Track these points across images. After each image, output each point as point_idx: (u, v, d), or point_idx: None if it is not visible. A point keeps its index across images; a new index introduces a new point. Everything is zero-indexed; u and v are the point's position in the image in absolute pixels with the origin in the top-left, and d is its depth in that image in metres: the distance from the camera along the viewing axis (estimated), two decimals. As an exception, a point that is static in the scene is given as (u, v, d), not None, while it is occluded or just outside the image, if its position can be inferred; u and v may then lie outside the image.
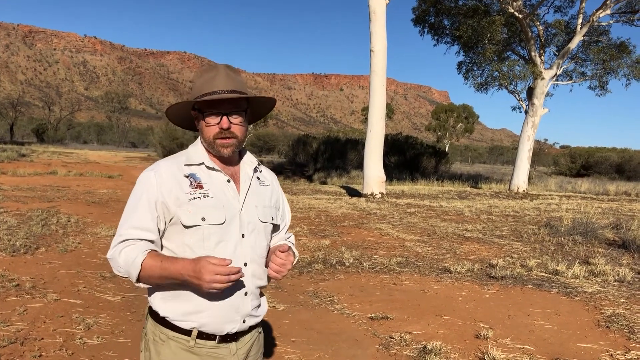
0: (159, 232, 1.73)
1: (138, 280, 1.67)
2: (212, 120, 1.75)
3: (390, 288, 5.99)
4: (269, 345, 4.17)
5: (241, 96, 1.75)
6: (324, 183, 24.31)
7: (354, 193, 17.54)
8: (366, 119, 16.43)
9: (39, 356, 3.66)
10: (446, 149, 55.66)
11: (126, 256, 1.66)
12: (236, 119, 1.76)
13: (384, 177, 16.03)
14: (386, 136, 23.12)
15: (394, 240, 8.84)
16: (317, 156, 32.40)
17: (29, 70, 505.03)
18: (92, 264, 6.44)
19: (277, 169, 29.90)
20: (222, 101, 1.73)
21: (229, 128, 1.74)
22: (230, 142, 1.76)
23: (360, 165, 20.08)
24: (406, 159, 31.00)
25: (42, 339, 3.97)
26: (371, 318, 4.91)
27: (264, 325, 4.58)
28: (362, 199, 15.42)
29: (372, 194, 15.62)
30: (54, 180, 17.83)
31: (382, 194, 15.75)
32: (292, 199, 14.79)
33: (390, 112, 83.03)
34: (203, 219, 1.69)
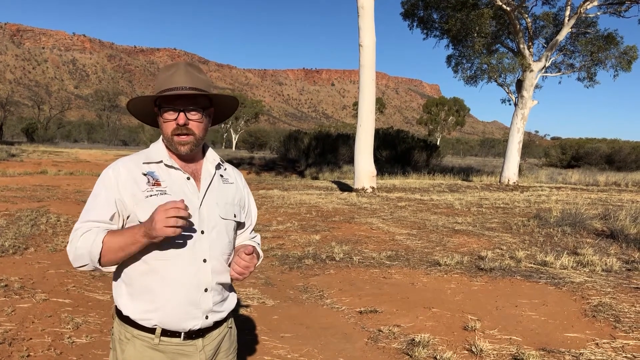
0: (116, 225, 1.75)
1: (100, 262, 1.68)
2: (170, 116, 1.76)
3: (380, 282, 6.02)
4: (258, 341, 4.19)
5: (198, 93, 1.74)
6: (316, 178, 24.33)
7: (345, 188, 17.56)
8: (357, 113, 16.42)
9: (27, 356, 3.66)
10: (437, 143, 55.85)
11: (85, 239, 1.68)
12: (194, 116, 1.76)
13: (374, 171, 16.06)
14: (377, 130, 23.20)
15: (384, 234, 8.87)
16: (309, 152, 32.41)
17: (18, 69, 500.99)
18: (82, 263, 6.42)
19: (269, 165, 29.88)
20: (180, 97, 1.73)
21: (185, 124, 1.75)
22: (188, 139, 1.77)
23: (352, 160, 20.10)
24: (397, 153, 31.06)
25: (31, 339, 3.97)
26: (360, 312, 4.93)
27: (253, 320, 4.60)
28: (353, 193, 15.44)
29: (363, 189, 15.65)
30: (44, 180, 17.75)
31: (373, 188, 15.78)
32: (283, 194, 14.80)
33: (381, 106, 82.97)
34: None
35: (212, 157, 1.92)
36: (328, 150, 32.09)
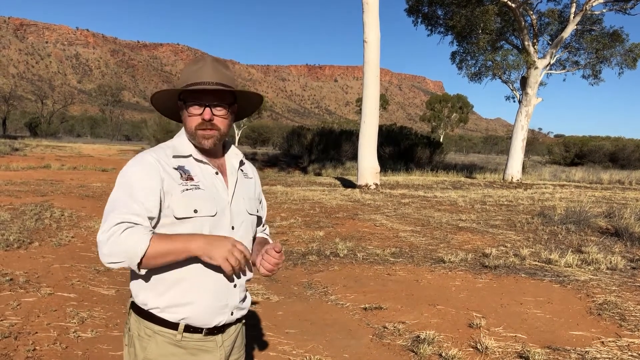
0: (155, 219, 1.66)
1: (139, 264, 1.56)
2: (195, 110, 1.74)
3: (384, 278, 6.01)
4: (263, 336, 4.19)
5: (225, 89, 1.74)
6: (319, 174, 24.32)
7: (348, 184, 17.55)
8: (360, 109, 16.40)
9: (32, 350, 3.67)
10: (441, 139, 55.81)
11: (128, 236, 1.54)
12: (219, 112, 1.75)
13: (378, 168, 16.04)
14: (380, 127, 23.13)
15: (388, 231, 8.86)
16: (312, 148, 32.38)
17: (21, 63, 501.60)
18: (86, 258, 6.43)
19: (272, 161, 29.90)
20: (206, 92, 1.72)
21: (211, 120, 1.74)
22: (212, 133, 1.75)
23: (354, 157, 20.07)
24: (400, 149, 31.02)
25: (36, 333, 3.98)
26: (365, 308, 4.93)
27: (258, 316, 4.60)
28: (357, 190, 15.43)
29: (366, 185, 15.63)
30: (47, 174, 17.78)
31: (376, 185, 15.77)
32: (286, 190, 14.80)
33: (384, 102, 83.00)
34: (195, 211, 1.69)
35: (234, 152, 1.92)
36: (331, 146, 32.06)
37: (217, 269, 1.70)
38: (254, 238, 1.98)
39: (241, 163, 1.93)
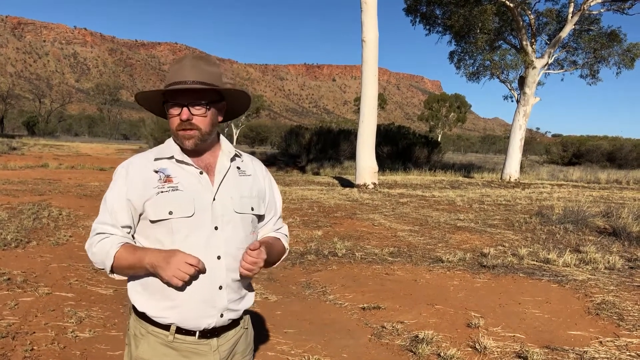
0: (131, 227, 1.76)
1: (112, 272, 1.72)
2: (174, 111, 1.72)
3: (383, 278, 6.01)
4: (261, 336, 4.18)
5: (204, 87, 1.70)
6: (317, 174, 24.31)
7: (346, 184, 17.55)
8: (359, 109, 16.40)
9: (30, 350, 3.66)
10: (439, 139, 55.76)
11: (101, 248, 1.71)
12: (198, 111, 1.71)
13: (376, 167, 16.04)
14: (379, 126, 23.15)
15: (386, 231, 8.86)
16: (310, 147, 32.32)
17: (19, 62, 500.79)
18: (84, 257, 6.41)
19: (270, 160, 29.84)
20: (184, 92, 1.69)
21: (188, 119, 1.70)
22: (192, 133, 1.72)
23: (353, 156, 20.08)
24: (399, 149, 30.98)
25: (34, 333, 3.96)
26: (363, 308, 4.93)
27: (256, 316, 4.59)
28: (355, 189, 15.43)
29: (364, 185, 15.64)
30: (45, 174, 17.75)
31: (374, 184, 15.77)
32: (284, 190, 14.79)
33: (382, 102, 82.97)
34: (170, 213, 1.67)
35: (227, 149, 1.86)
36: (329, 145, 31.99)
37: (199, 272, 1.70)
38: (257, 236, 1.92)
39: (234, 159, 1.87)
